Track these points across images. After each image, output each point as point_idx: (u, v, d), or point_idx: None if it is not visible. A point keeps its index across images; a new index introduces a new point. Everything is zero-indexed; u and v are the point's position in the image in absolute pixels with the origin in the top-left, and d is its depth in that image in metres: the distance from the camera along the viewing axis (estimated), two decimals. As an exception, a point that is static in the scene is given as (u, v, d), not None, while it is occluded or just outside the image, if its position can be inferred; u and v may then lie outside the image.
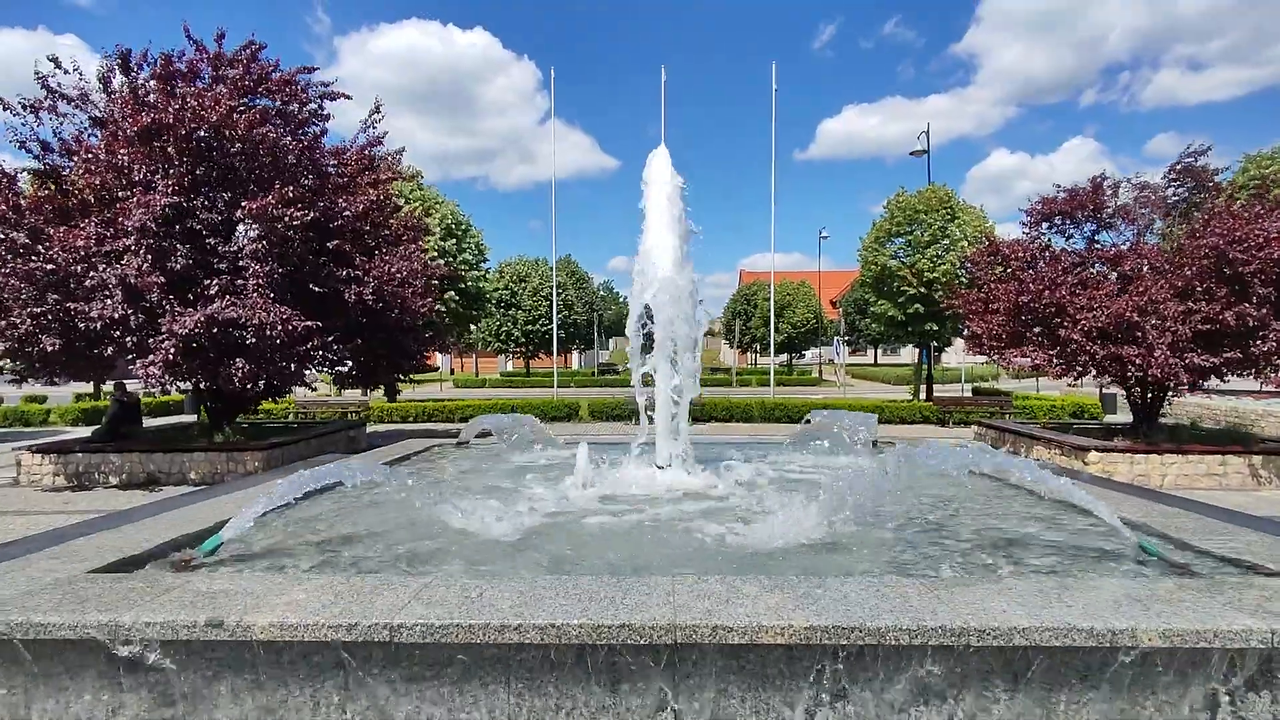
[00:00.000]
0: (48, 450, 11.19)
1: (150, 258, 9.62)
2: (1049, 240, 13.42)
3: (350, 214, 11.71)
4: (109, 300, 9.53)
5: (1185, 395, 12.26)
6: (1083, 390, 22.53)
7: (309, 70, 12.00)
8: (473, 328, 31.85)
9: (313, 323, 10.26)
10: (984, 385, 32.45)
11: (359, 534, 4.18)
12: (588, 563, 3.65)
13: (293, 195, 10.33)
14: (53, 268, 9.50)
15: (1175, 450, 10.95)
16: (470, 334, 34.72)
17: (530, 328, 44.78)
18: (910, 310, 21.95)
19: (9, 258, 9.74)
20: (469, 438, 8.33)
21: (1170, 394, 11.90)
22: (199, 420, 13.90)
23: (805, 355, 55.84)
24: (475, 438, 8.40)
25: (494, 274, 40.61)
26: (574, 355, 63.16)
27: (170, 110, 9.83)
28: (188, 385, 11.31)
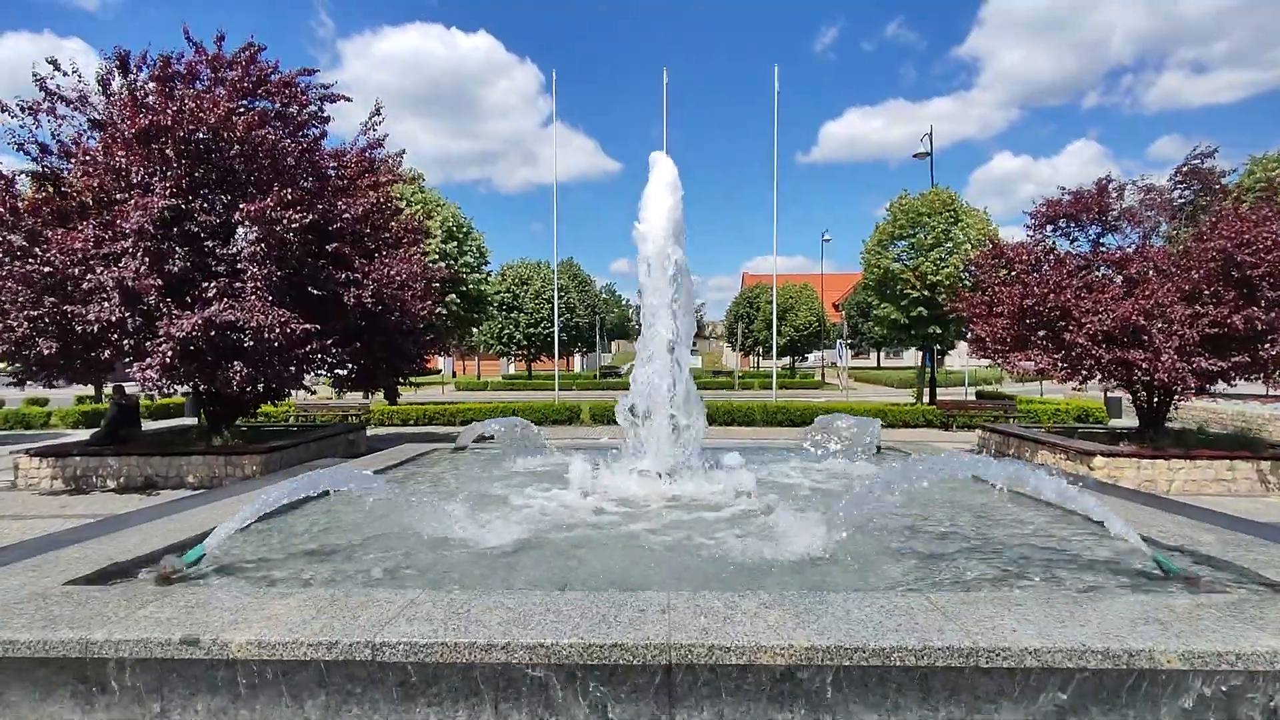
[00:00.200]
0: (46, 453, 11.13)
1: (148, 260, 9.56)
2: (1054, 243, 13.30)
3: (350, 216, 11.66)
4: (106, 303, 9.46)
5: (1191, 399, 12.10)
6: (1087, 394, 22.39)
7: (309, 72, 11.94)
8: (474, 330, 31.80)
9: (311, 326, 10.19)
10: (987, 389, 32.29)
11: (349, 543, 4.09)
12: (581, 575, 3.55)
13: (292, 197, 10.27)
14: (50, 270, 9.44)
15: (1182, 455, 10.82)
16: (472, 337, 34.67)
17: (532, 330, 44.71)
18: (913, 313, 21.80)
19: (6, 260, 9.68)
20: (466, 443, 8.25)
21: (1177, 398, 11.76)
22: (199, 423, 13.84)
23: (808, 358, 55.71)
24: (473, 442, 8.31)
25: (496, 276, 40.57)
26: (576, 358, 63.10)
27: (168, 112, 9.78)
28: (187, 388, 11.26)
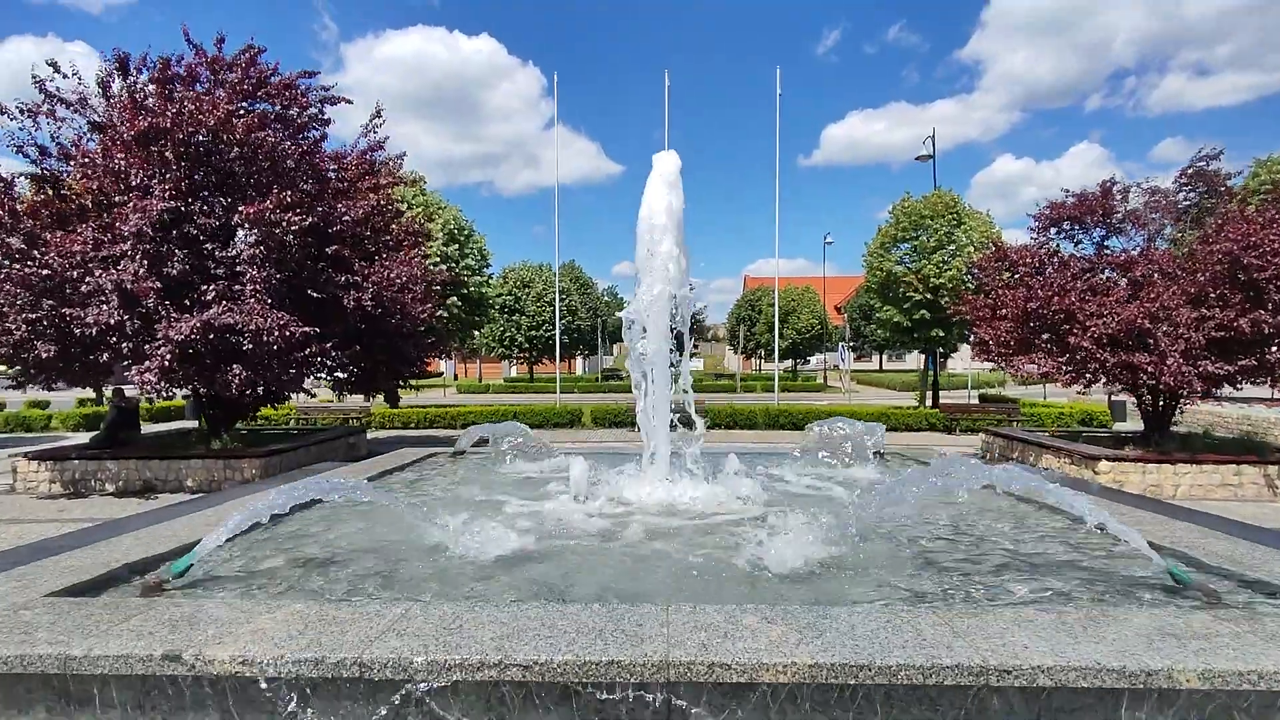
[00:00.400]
0: (44, 457, 11.09)
1: (146, 263, 9.52)
2: (1058, 246, 13.23)
3: (350, 219, 11.62)
4: (105, 306, 9.43)
5: (1197, 403, 12.00)
6: (1091, 397, 22.25)
7: (309, 74, 11.92)
8: (476, 333, 31.76)
9: (311, 329, 10.15)
10: (990, 392, 32.19)
11: (341, 552, 4.01)
12: (578, 586, 3.47)
13: (291, 200, 10.23)
14: (48, 273, 9.40)
15: (1189, 460, 10.73)
16: (473, 339, 34.62)
17: (534, 333, 44.67)
18: (916, 316, 21.72)
19: (5, 263, 9.65)
20: (465, 447, 8.17)
21: (1182, 402, 11.67)
22: (199, 426, 13.79)
23: (810, 361, 55.59)
24: (472, 446, 8.24)
25: (498, 279, 40.53)
26: (578, 360, 63.03)
27: (168, 114, 9.76)
28: (186, 391, 11.21)
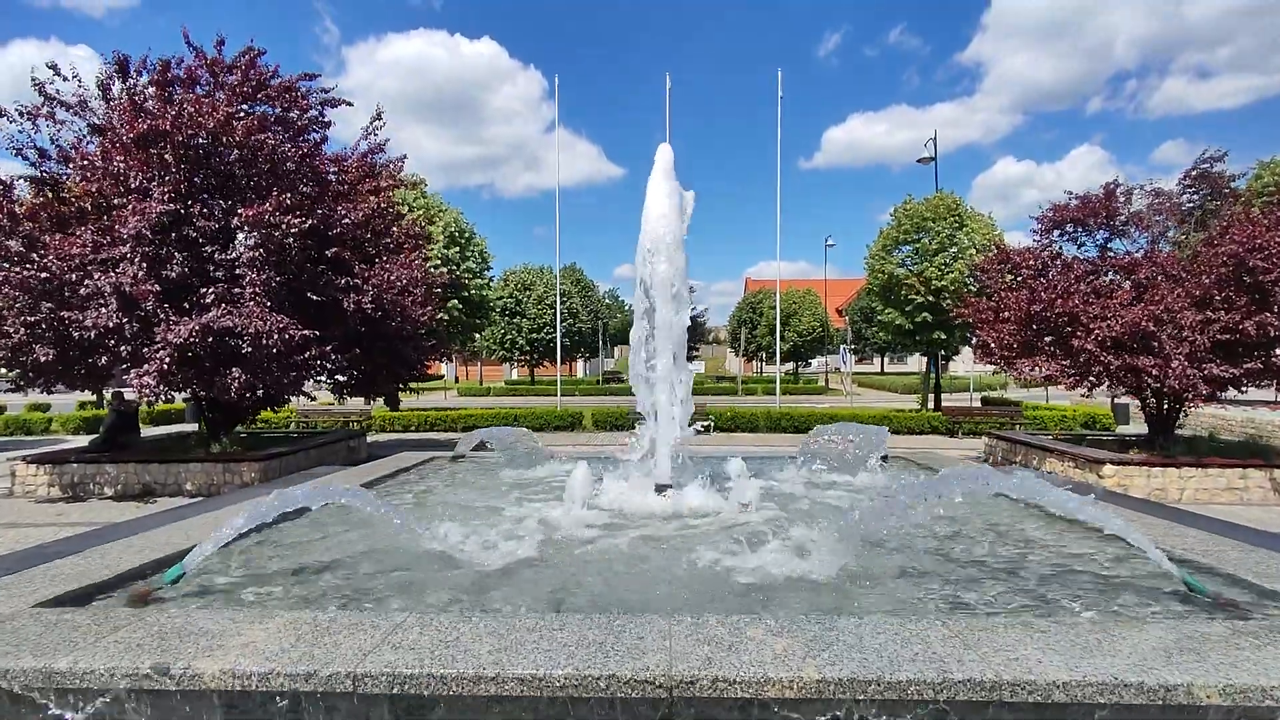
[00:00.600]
0: (43, 460, 11.03)
1: (146, 266, 9.48)
2: (1060, 248, 13.15)
3: (350, 222, 11.58)
4: (103, 309, 9.38)
5: (1200, 406, 11.91)
6: (1093, 400, 22.16)
7: (310, 77, 11.88)
8: (476, 336, 31.70)
9: (310, 332, 10.09)
10: (992, 395, 32.07)
11: (336, 560, 3.94)
12: (578, 596, 3.39)
13: (291, 202, 10.19)
14: (47, 276, 9.36)
15: (1193, 464, 10.65)
16: (474, 342, 34.58)
17: (535, 336, 44.58)
18: (918, 319, 21.64)
19: (3, 266, 9.61)
20: (465, 451, 8.11)
21: (1187, 405, 11.59)
22: (199, 430, 13.73)
23: (811, 364, 55.48)
24: (472, 450, 8.17)
25: (499, 282, 40.51)
26: (579, 363, 62.94)
27: (167, 116, 9.72)
28: (186, 394, 11.15)
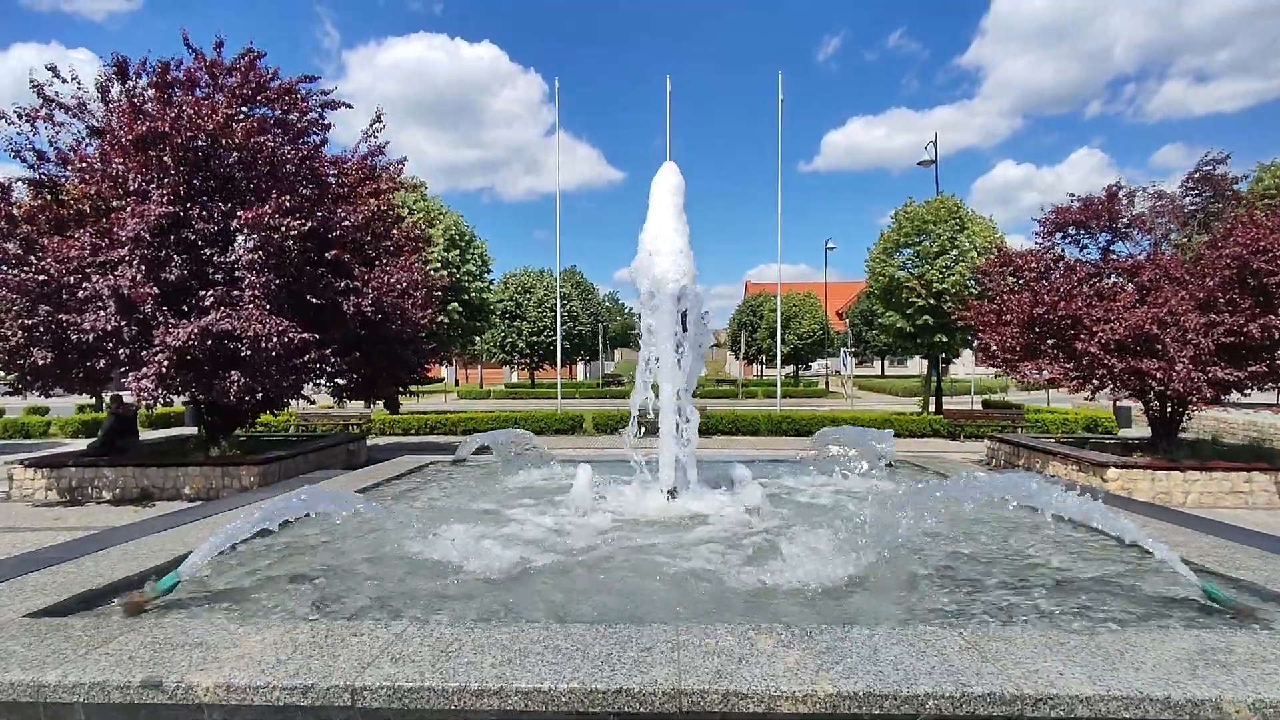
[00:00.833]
0: (40, 464, 10.95)
1: (144, 268, 9.42)
2: (1063, 250, 13.10)
3: (350, 224, 11.53)
4: (102, 312, 9.32)
5: (1204, 409, 11.86)
6: (1095, 404, 22.09)
7: (310, 79, 11.84)
8: (477, 339, 31.65)
9: (310, 334, 10.03)
10: (993, 398, 31.99)
11: (334, 567, 3.87)
12: (582, 604, 3.32)
13: (290, 205, 10.13)
14: (45, 279, 9.30)
15: (1198, 467, 10.59)
16: (474, 345, 34.52)
17: (535, 339, 44.53)
18: (919, 322, 21.59)
19: (1, 269, 9.56)
20: (466, 455, 8.04)
21: (1191, 408, 11.53)
22: (198, 433, 13.65)
23: (811, 367, 55.43)
24: (472, 454, 8.10)
25: (499, 285, 40.46)
26: (579, 366, 62.88)
27: (167, 118, 9.67)
28: (185, 398, 11.08)
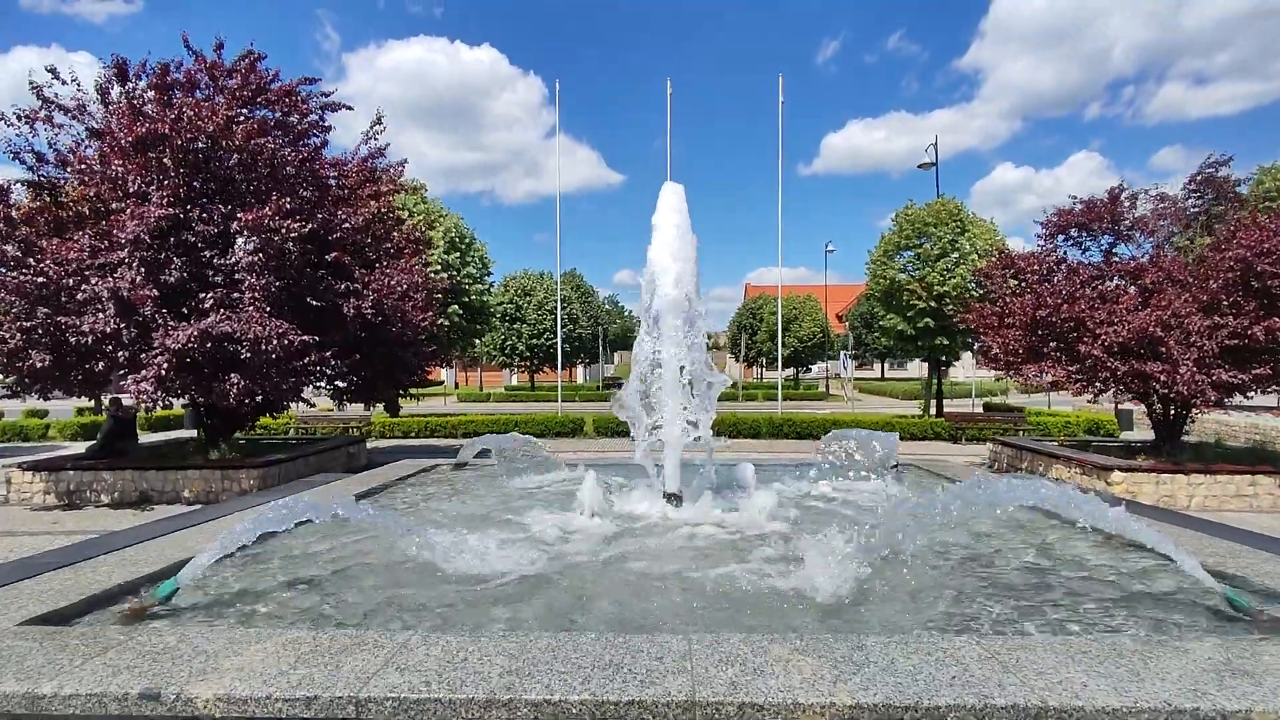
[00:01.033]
0: (39, 468, 10.88)
1: (144, 270, 9.37)
2: (1065, 253, 13.08)
3: (350, 226, 11.48)
4: (101, 314, 9.27)
5: (1208, 411, 11.82)
6: (1097, 406, 22.05)
7: (310, 81, 11.82)
8: (477, 341, 31.59)
9: (310, 337, 9.98)
10: (994, 400, 31.96)
11: (339, 572, 3.81)
12: (590, 612, 3.26)
13: (290, 207, 10.09)
14: (44, 281, 9.25)
15: (1202, 470, 10.55)
16: (474, 348, 34.45)
17: (535, 341, 44.47)
18: (920, 324, 21.56)
19: (0, 271, 9.51)
20: (468, 458, 7.98)
21: (1194, 411, 11.49)
22: (197, 436, 13.59)
23: (811, 370, 55.36)
24: (474, 458, 8.05)
25: (499, 287, 40.42)
26: (579, 369, 62.83)
27: (166, 120, 9.63)
28: (184, 400, 11.03)
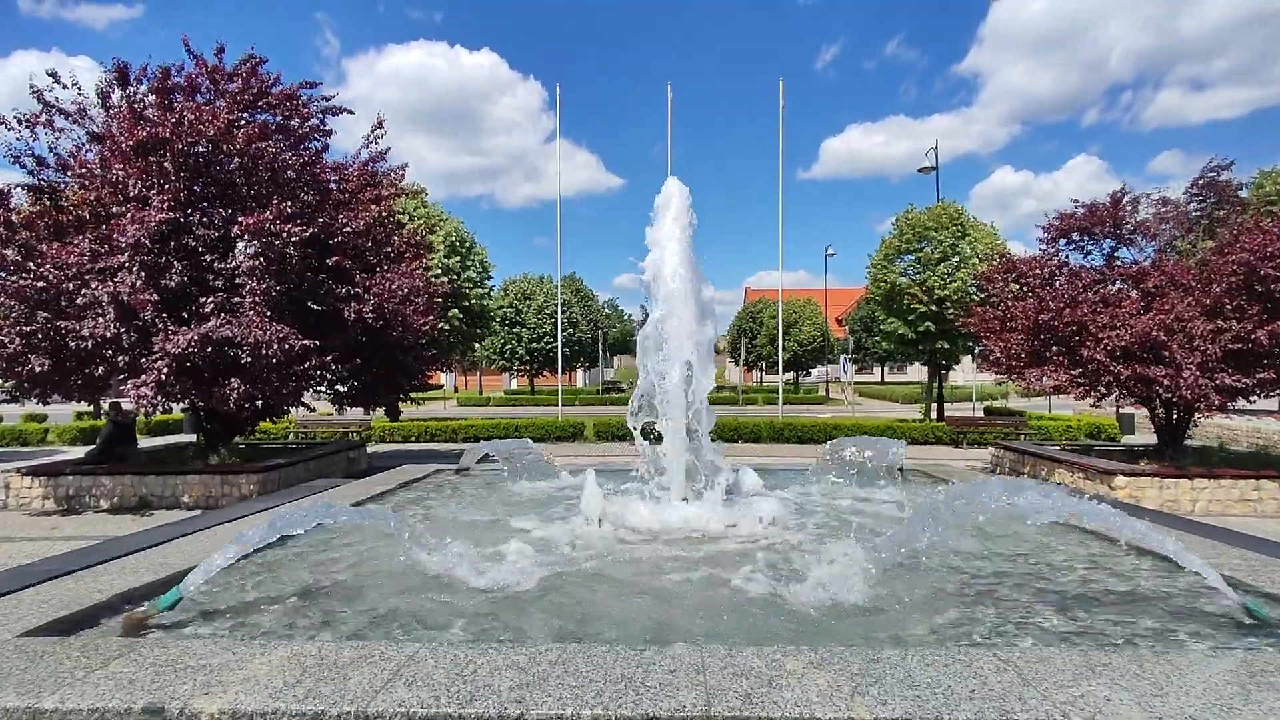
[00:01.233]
0: (38, 472, 10.84)
1: (144, 275, 9.35)
2: (1067, 257, 13.07)
3: (351, 230, 11.46)
4: (101, 319, 9.24)
5: (1211, 416, 11.79)
6: (1099, 410, 22.02)
7: (311, 85, 11.81)
8: (477, 345, 31.58)
9: (311, 341, 9.95)
10: (995, 404, 31.93)
11: (341, 583, 3.77)
12: (599, 623, 3.23)
13: (291, 211, 10.08)
14: (43, 285, 9.22)
15: (1206, 475, 10.51)
16: (474, 352, 34.45)
17: (535, 345, 44.48)
18: (921, 328, 21.56)
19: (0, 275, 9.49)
20: (470, 464, 7.95)
21: (1198, 415, 11.47)
22: (196, 441, 13.56)
23: (811, 373, 55.33)
24: (477, 463, 8.01)
25: (499, 291, 40.45)
26: (578, 373, 62.84)
27: (167, 124, 9.62)
28: (184, 405, 11.00)
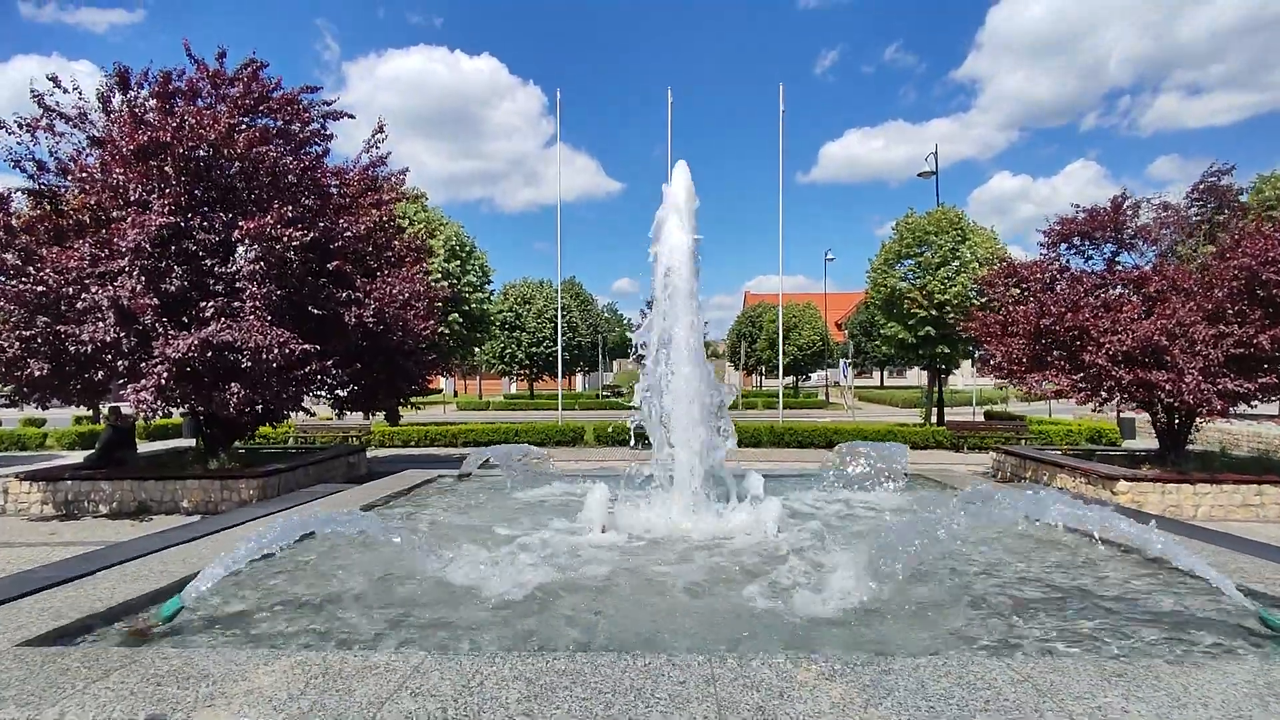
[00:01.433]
0: (36, 477, 10.80)
1: (144, 279, 9.33)
2: (1068, 261, 13.07)
3: (351, 235, 11.45)
4: (101, 323, 9.22)
5: (1212, 420, 11.77)
6: (1099, 414, 22.01)
7: (312, 89, 11.81)
8: (476, 350, 31.54)
9: (311, 346, 9.93)
10: (994, 409, 31.91)
11: (345, 591, 3.74)
12: (606, 631, 3.19)
13: (292, 215, 10.07)
14: (43, 289, 9.20)
15: (1208, 480, 10.49)
16: (474, 356, 34.40)
17: (534, 350, 44.46)
18: (921, 332, 21.56)
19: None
20: (472, 469, 7.92)
21: (1199, 420, 11.45)
22: (196, 445, 13.52)
23: (810, 378, 55.28)
24: (478, 468, 7.98)
25: (498, 296, 40.43)
26: (578, 377, 62.79)
27: (168, 128, 9.62)
28: (184, 409, 10.97)
